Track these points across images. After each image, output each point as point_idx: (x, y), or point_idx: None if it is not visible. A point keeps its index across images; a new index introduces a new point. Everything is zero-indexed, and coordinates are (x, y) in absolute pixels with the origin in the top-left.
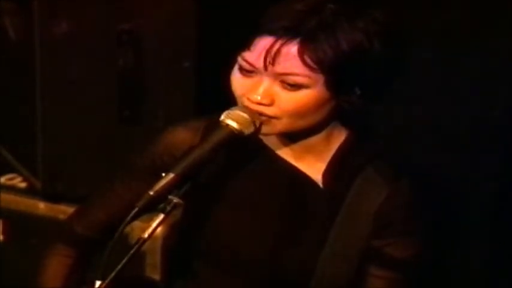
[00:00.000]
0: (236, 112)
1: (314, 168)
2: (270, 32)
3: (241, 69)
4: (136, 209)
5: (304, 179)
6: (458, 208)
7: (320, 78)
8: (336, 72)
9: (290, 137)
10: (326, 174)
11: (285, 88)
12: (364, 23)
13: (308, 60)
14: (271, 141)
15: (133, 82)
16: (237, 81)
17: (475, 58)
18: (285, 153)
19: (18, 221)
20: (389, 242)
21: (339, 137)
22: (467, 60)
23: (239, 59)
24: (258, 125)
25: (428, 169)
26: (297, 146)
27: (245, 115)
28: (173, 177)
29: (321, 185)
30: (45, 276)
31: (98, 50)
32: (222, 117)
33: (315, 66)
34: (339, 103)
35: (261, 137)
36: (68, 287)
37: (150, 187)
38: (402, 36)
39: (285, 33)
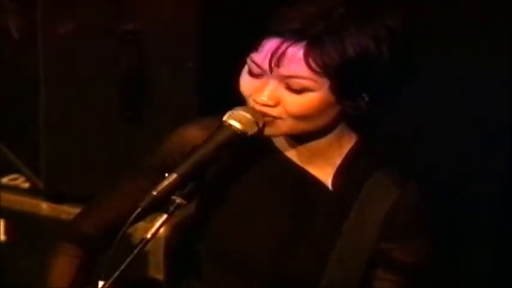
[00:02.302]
0: (239, 112)
1: (323, 171)
2: (277, 34)
3: (250, 70)
4: (139, 210)
5: (313, 182)
6: (459, 208)
7: (325, 82)
8: (341, 77)
9: (298, 140)
10: (335, 177)
11: (290, 90)
12: (374, 29)
13: (313, 64)
14: (280, 143)
15: (136, 82)
16: (245, 82)
17: (476, 58)
18: (294, 156)
19: (21, 221)
20: (397, 246)
21: (349, 141)
22: (469, 60)
23: (248, 60)
24: (261, 126)
25: (430, 169)
26: (305, 149)
27: (248, 115)
28: (176, 178)
29: (330, 188)
30: (52, 276)
31: (100, 50)
32: (225, 117)
33: (320, 70)
34: (344, 107)
35: (272, 138)
36: (75, 287)
37: (154, 187)
38: (413, 43)
39: (292, 35)
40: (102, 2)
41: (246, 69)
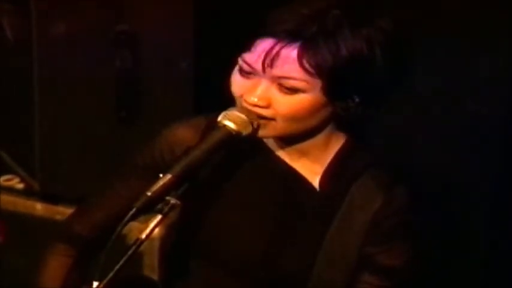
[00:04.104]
0: (234, 113)
1: (312, 172)
2: (271, 34)
3: (241, 70)
4: (133, 210)
5: (301, 182)
6: (458, 208)
7: (318, 83)
8: (334, 78)
9: (288, 140)
10: (323, 178)
11: (282, 91)
12: (367, 31)
13: (306, 65)
14: (271, 143)
15: (130, 83)
16: (236, 82)
17: (475, 58)
18: (284, 155)
19: (15, 222)
20: (382, 250)
21: (338, 142)
22: (467, 59)
23: (239, 59)
24: (255, 126)
25: (428, 169)
26: (294, 149)
27: (243, 116)
28: (170, 178)
29: (317, 188)
30: (45, 277)
31: (95, 50)
32: (220, 118)
33: (313, 71)
34: (335, 109)
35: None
36: (67, 287)
37: (148, 187)
38: (406, 48)
39: (286, 36)
40: (97, 3)
41: (237, 69)
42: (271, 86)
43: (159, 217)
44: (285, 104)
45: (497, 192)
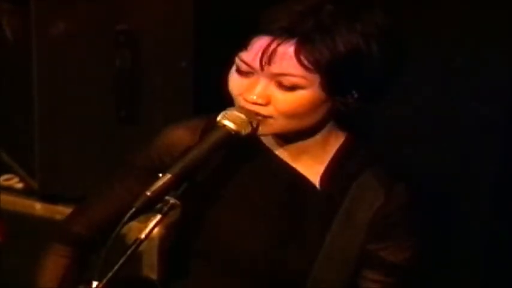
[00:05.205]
0: (233, 113)
1: (312, 170)
2: (267, 32)
3: (238, 69)
4: (133, 210)
5: (301, 180)
6: (458, 207)
7: (316, 79)
8: (332, 73)
9: (286, 138)
10: (324, 176)
11: (280, 88)
12: (363, 26)
13: (304, 61)
14: (269, 142)
15: (130, 82)
16: (234, 82)
17: (474, 57)
18: (283, 154)
19: (15, 221)
20: (385, 246)
21: (337, 140)
22: (467, 59)
23: (236, 59)
24: (255, 125)
25: (428, 169)
26: (293, 147)
27: (242, 115)
28: (170, 178)
29: (318, 186)
30: (42, 277)
31: (95, 50)
32: (219, 117)
33: (311, 66)
34: (334, 105)
35: (261, 137)
36: (64, 287)
37: (148, 187)
38: (402, 41)
39: (282, 33)
40: (96, 3)
41: (234, 68)
42: (269, 83)
43: (158, 217)
44: (285, 101)
45: (497, 191)
